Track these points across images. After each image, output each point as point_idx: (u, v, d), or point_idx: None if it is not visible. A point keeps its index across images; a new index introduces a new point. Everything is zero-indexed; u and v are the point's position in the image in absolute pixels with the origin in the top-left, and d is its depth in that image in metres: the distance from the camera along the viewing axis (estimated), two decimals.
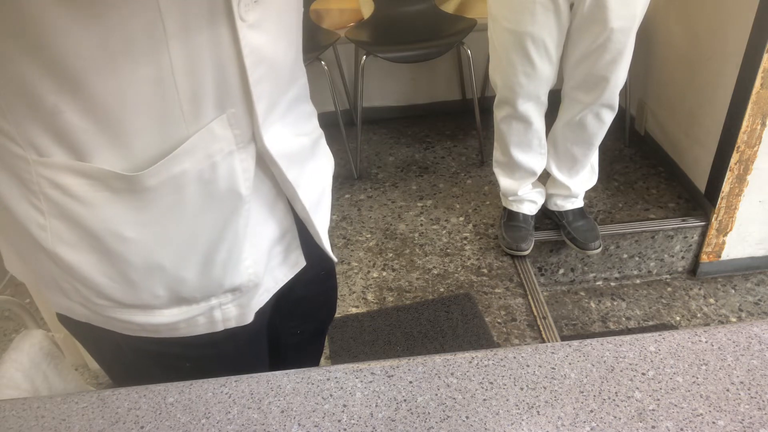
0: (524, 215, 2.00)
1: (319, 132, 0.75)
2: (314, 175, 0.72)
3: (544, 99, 1.70)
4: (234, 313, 0.69)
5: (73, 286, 0.61)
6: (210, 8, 0.51)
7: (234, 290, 0.67)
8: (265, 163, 0.64)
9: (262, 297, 0.73)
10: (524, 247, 1.97)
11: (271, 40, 0.57)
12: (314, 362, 0.99)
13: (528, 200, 1.98)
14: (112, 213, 0.56)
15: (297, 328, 0.88)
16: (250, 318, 0.71)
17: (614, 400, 0.57)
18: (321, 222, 0.75)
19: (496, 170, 1.97)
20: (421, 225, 2.21)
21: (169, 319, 0.64)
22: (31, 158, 0.54)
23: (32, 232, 0.58)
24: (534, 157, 1.86)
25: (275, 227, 0.70)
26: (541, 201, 2.01)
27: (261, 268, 0.69)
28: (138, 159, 0.55)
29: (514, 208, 2.01)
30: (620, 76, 1.63)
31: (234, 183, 0.60)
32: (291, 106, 0.66)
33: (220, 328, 0.69)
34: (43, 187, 0.55)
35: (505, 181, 1.96)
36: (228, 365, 0.70)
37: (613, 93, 1.67)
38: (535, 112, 1.72)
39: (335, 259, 0.84)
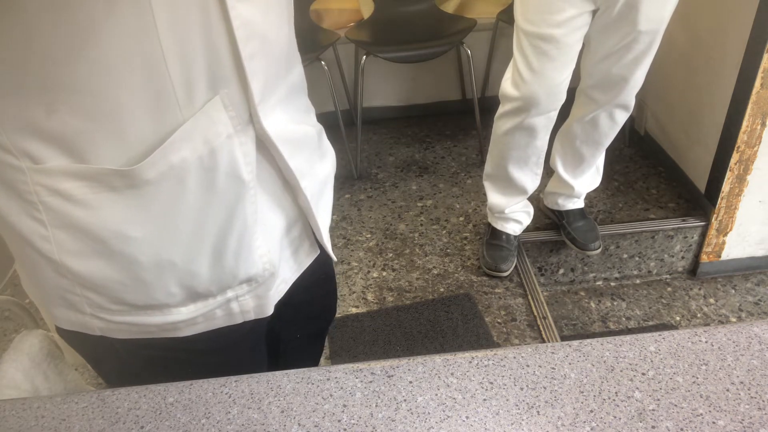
0: (507, 235, 1.98)
1: (320, 126, 0.75)
2: (317, 167, 0.72)
3: (554, 116, 1.68)
4: (252, 304, 0.68)
5: (84, 297, 0.61)
6: None
7: (249, 281, 0.66)
8: (268, 151, 0.63)
9: (280, 288, 0.72)
10: (504, 269, 1.95)
11: (261, 12, 0.56)
12: (314, 364, 0.99)
13: (513, 220, 1.95)
14: (115, 213, 0.56)
15: (298, 332, 0.88)
16: (269, 310, 0.70)
17: (614, 400, 0.57)
18: (322, 217, 0.74)
19: (486, 183, 1.93)
20: (421, 225, 2.21)
21: (186, 316, 0.64)
22: (26, 167, 0.53)
23: (36, 245, 0.57)
24: (527, 175, 1.83)
25: (285, 216, 0.69)
26: (526, 222, 1.99)
27: (275, 256, 0.68)
28: (135, 151, 0.54)
29: (498, 226, 1.98)
30: (639, 77, 1.62)
31: (235, 168, 0.59)
32: (290, 95, 0.65)
33: (239, 320, 0.68)
34: (42, 196, 0.54)
35: (494, 197, 1.92)
36: (229, 372, 0.70)
37: (630, 94, 1.66)
38: (542, 126, 1.69)
39: (335, 259, 0.83)
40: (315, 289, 0.82)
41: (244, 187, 0.61)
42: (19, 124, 0.51)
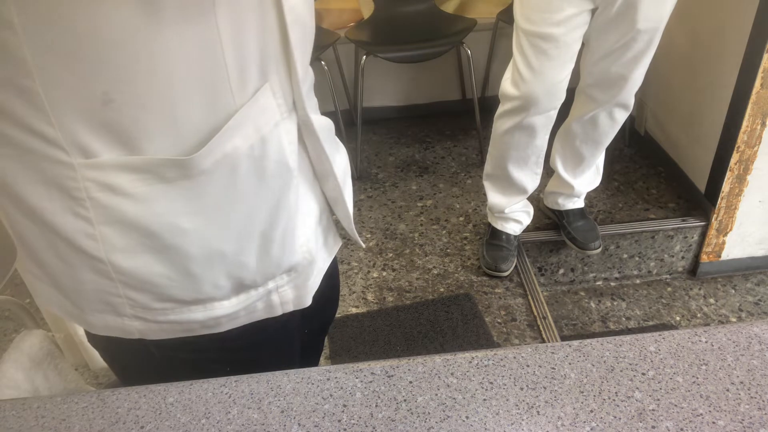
0: (507, 235, 1.98)
1: None
2: (337, 157, 0.73)
3: (554, 115, 1.68)
4: (291, 295, 0.68)
5: (126, 299, 0.60)
6: None
7: (290, 270, 0.66)
8: (302, 138, 0.64)
9: (316, 278, 0.72)
10: (504, 269, 1.95)
11: (303, 1, 0.57)
12: (314, 362, 0.99)
13: (513, 220, 1.95)
14: (168, 205, 0.55)
15: (304, 327, 0.88)
16: (308, 300, 0.70)
17: (614, 400, 0.57)
18: (349, 204, 0.75)
19: (486, 183, 1.93)
20: (421, 225, 2.21)
21: (229, 309, 0.64)
22: (76, 162, 0.52)
23: (79, 244, 0.56)
24: (528, 175, 1.82)
25: (318, 204, 0.70)
26: (526, 222, 1.99)
27: (313, 245, 0.69)
28: (188, 141, 0.54)
29: (498, 226, 1.98)
30: (638, 75, 1.62)
31: (282, 156, 0.60)
32: (311, 87, 0.66)
33: (278, 312, 0.68)
34: (91, 192, 0.53)
35: (494, 197, 1.92)
36: (263, 369, 0.70)
37: (629, 92, 1.66)
38: (542, 126, 1.69)
39: (362, 245, 0.84)
40: (323, 283, 0.83)
41: (290, 174, 0.61)
42: (74, 116, 0.50)
